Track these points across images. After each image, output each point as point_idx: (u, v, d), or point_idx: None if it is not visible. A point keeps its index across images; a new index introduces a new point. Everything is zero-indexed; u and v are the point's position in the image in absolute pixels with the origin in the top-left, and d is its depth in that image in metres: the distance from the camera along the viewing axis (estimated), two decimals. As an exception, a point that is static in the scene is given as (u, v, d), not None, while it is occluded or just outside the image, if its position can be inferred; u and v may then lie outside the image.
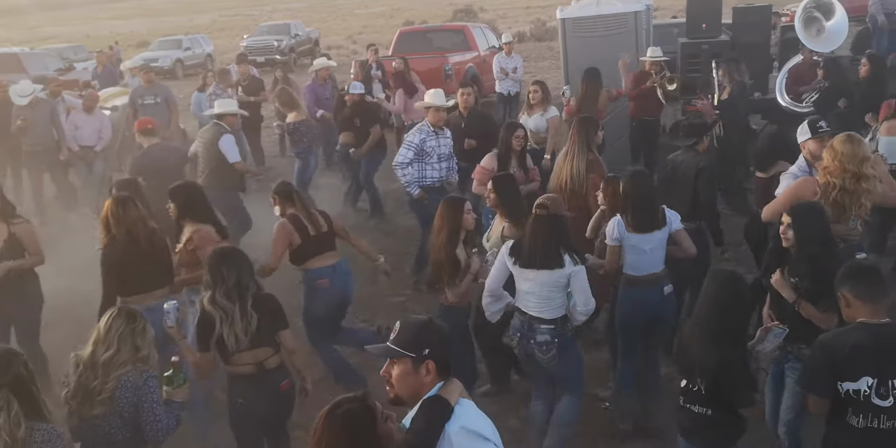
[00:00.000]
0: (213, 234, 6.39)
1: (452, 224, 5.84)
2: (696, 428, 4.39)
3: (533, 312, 5.43)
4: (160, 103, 12.86)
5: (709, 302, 4.32)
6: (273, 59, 30.74)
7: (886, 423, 3.95)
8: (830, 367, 3.99)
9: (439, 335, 3.28)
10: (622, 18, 12.36)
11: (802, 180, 5.93)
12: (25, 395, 3.65)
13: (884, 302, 4.03)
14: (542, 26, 38.15)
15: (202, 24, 58.90)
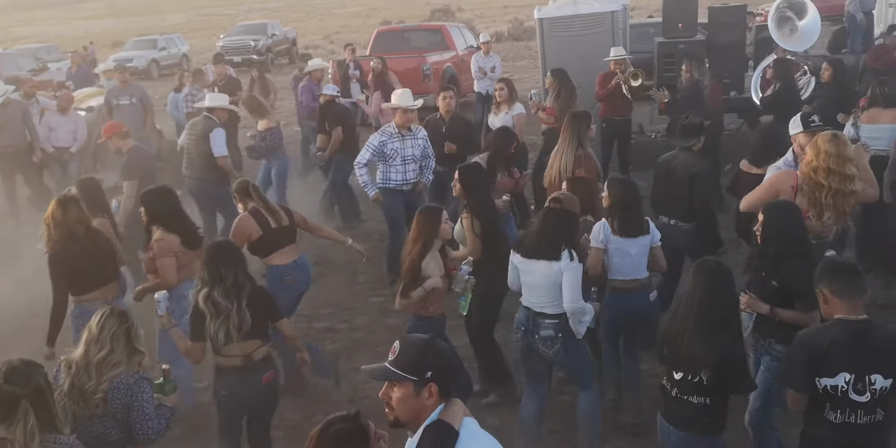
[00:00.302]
0: (176, 244, 6.32)
1: (428, 235, 5.69)
2: (694, 418, 4.38)
3: (536, 308, 5.48)
4: (135, 104, 12.77)
5: (702, 294, 4.31)
6: (250, 58, 30.61)
7: (863, 418, 3.99)
8: (809, 362, 4.03)
9: (442, 356, 3.13)
10: (599, 18, 12.44)
11: (782, 173, 6.00)
12: (43, 407, 3.65)
13: (861, 299, 4.08)
14: (519, 26, 38.23)
15: (176, 23, 58.55)
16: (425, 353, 3.08)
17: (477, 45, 18.87)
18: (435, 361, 3.07)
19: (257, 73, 15.42)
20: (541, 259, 5.38)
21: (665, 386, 4.52)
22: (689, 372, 4.32)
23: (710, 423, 4.40)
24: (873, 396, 3.97)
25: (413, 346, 3.11)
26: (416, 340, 3.16)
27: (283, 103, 20.39)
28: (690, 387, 4.33)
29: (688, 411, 4.38)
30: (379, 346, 7.71)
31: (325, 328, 8.21)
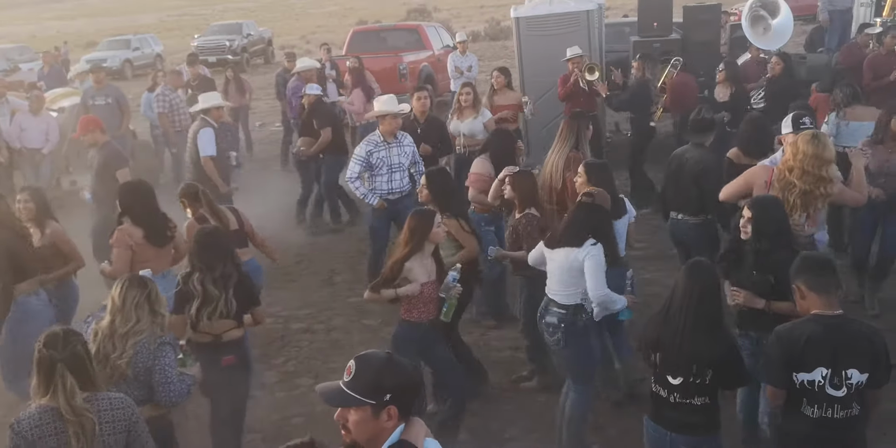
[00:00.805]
0: (138, 237, 6.31)
1: (419, 237, 5.59)
2: (698, 420, 4.35)
3: (551, 294, 5.55)
4: (111, 104, 12.63)
5: (699, 295, 4.26)
6: (225, 59, 30.42)
7: (840, 412, 4.02)
8: (786, 358, 4.05)
9: (401, 376, 2.89)
10: (575, 17, 12.44)
11: (758, 168, 6.06)
12: (80, 369, 3.78)
13: (837, 294, 4.10)
14: (496, 25, 38.26)
15: (150, 23, 58.17)
16: (383, 375, 2.84)
17: (453, 44, 18.85)
18: (394, 382, 2.84)
19: (232, 73, 15.34)
20: (564, 247, 5.41)
21: (659, 394, 4.43)
22: (691, 375, 4.26)
23: (712, 421, 4.39)
24: (849, 391, 3.99)
25: (370, 367, 2.86)
26: (374, 360, 2.89)
27: (258, 103, 20.33)
28: (693, 389, 4.28)
29: (691, 414, 4.34)
30: (356, 346, 7.68)
31: (302, 329, 8.16)
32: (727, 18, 17.01)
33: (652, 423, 4.54)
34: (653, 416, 4.54)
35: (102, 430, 3.76)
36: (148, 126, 14.35)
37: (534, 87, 12.46)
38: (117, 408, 3.84)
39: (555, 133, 7.72)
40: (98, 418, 3.74)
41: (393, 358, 2.93)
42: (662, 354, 4.35)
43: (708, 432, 4.39)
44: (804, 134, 5.72)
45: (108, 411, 3.81)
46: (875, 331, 4.15)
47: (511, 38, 13.99)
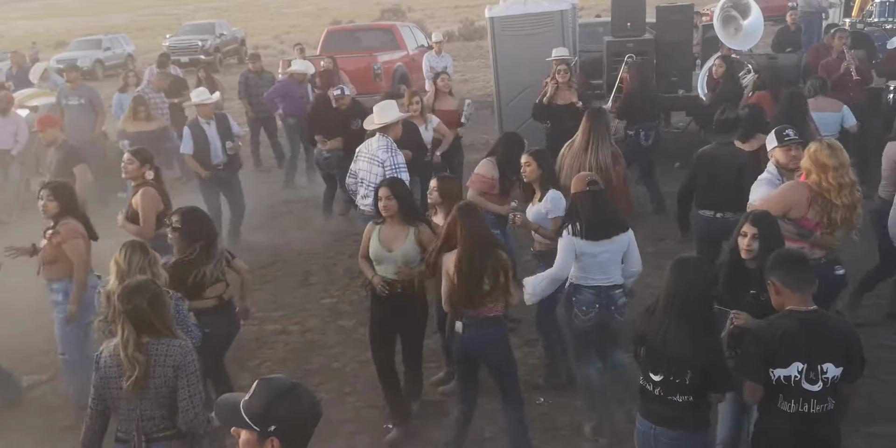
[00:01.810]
0: (80, 227, 6.42)
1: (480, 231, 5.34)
2: (681, 415, 4.34)
3: (607, 282, 5.73)
4: (85, 105, 12.50)
5: (684, 292, 4.22)
6: (197, 59, 30.17)
7: (816, 407, 4.06)
8: (763, 354, 4.09)
9: (293, 409, 2.77)
10: (549, 17, 12.48)
11: (797, 185, 5.67)
12: (141, 322, 4.21)
13: (811, 290, 4.13)
14: (470, 26, 38.29)
15: (120, 23, 57.68)
16: (274, 405, 2.75)
17: (428, 44, 18.84)
18: (284, 415, 2.75)
19: (204, 73, 15.20)
20: (611, 237, 5.64)
21: (645, 386, 4.44)
22: (671, 374, 4.25)
23: (698, 419, 4.38)
24: (825, 385, 4.03)
25: (265, 393, 2.78)
26: (273, 387, 2.80)
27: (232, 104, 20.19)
28: (674, 387, 4.28)
29: (673, 410, 4.33)
30: (332, 347, 7.67)
31: (276, 330, 8.11)
32: (700, 19, 17.12)
33: (640, 417, 4.56)
34: (640, 410, 4.56)
35: (156, 373, 4.21)
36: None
37: (509, 87, 12.51)
38: (171, 354, 4.25)
39: (529, 132, 7.70)
40: (153, 361, 4.21)
41: (295, 390, 2.81)
42: (646, 349, 4.36)
43: (690, 428, 4.38)
44: (819, 149, 5.52)
45: (163, 356, 4.23)
46: (849, 325, 4.21)
47: (485, 39, 14.02)
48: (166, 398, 4.27)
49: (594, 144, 7.34)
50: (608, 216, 5.75)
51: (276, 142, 14.55)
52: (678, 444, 4.40)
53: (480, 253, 5.20)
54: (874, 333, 7.03)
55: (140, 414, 4.27)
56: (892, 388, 6.25)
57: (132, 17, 65.03)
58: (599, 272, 5.72)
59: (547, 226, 6.42)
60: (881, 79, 12.11)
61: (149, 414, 4.28)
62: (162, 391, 4.25)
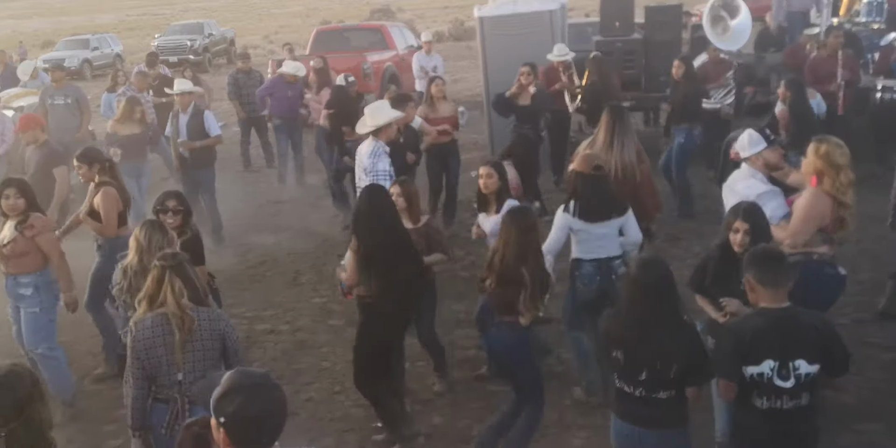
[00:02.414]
0: (52, 221, 6.69)
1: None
2: (665, 413, 4.36)
3: (606, 254, 6.08)
4: (71, 104, 12.42)
5: (658, 289, 4.26)
6: (186, 59, 30.08)
7: (789, 403, 4.09)
8: (735, 351, 4.12)
9: (244, 408, 2.75)
10: (538, 17, 12.51)
11: (818, 195, 5.48)
12: (186, 278, 4.58)
13: (786, 287, 4.15)
14: (460, 26, 38.27)
15: (109, 23, 57.52)
16: (224, 399, 2.77)
17: (417, 44, 18.83)
18: (230, 411, 2.75)
19: (190, 73, 15.17)
20: (607, 220, 6.02)
21: (623, 390, 4.42)
22: (657, 370, 4.26)
23: (680, 414, 4.40)
24: (798, 382, 4.05)
25: (225, 385, 2.80)
26: (233, 382, 2.80)
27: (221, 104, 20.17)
28: (658, 383, 4.28)
29: (656, 409, 4.34)
30: (322, 347, 7.68)
31: (266, 330, 8.11)
32: (689, 19, 17.17)
33: (619, 421, 4.52)
34: (619, 414, 4.53)
35: (202, 336, 4.53)
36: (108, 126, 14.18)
37: (498, 87, 12.44)
38: (216, 319, 4.64)
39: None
40: (200, 325, 4.52)
41: (255, 389, 2.78)
42: (625, 351, 4.34)
43: (675, 425, 4.41)
44: (830, 148, 5.42)
45: (207, 321, 4.58)
46: (824, 321, 4.22)
47: (475, 39, 14.01)
48: (212, 362, 4.56)
49: (619, 141, 7.20)
50: (607, 201, 6.08)
51: (266, 142, 14.54)
52: (667, 443, 4.42)
53: (514, 261, 5.25)
54: (863, 331, 7.09)
55: (183, 378, 4.50)
56: (880, 386, 6.29)
57: (120, 16, 64.83)
58: (598, 246, 6.06)
59: None
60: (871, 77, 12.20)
61: (191, 378, 4.48)
62: (208, 355, 4.56)
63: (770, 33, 14.89)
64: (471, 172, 12.75)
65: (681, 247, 9.34)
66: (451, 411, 6.43)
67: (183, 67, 15.91)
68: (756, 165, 5.94)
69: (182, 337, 4.47)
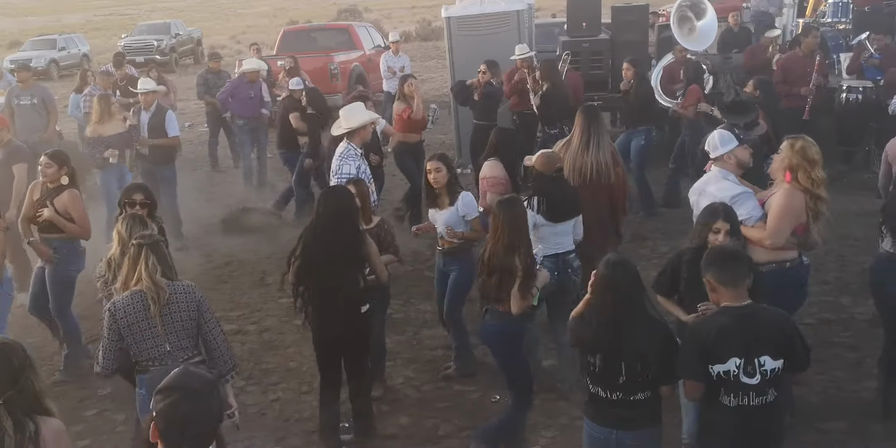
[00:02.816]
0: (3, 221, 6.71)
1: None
2: (639, 415, 4.37)
3: (563, 250, 6.34)
4: (37, 104, 12.27)
5: (629, 290, 4.28)
6: (153, 59, 29.84)
7: (756, 399, 4.11)
8: (700, 351, 4.14)
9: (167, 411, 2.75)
10: (505, 17, 12.55)
11: (792, 192, 5.45)
12: (160, 256, 4.87)
13: (745, 285, 4.19)
14: (427, 26, 38.33)
15: (76, 23, 56.91)
16: (156, 395, 2.78)
17: (385, 44, 18.82)
18: (158, 408, 2.76)
19: (156, 73, 15.03)
20: (575, 217, 6.38)
21: (600, 395, 4.39)
22: (636, 371, 4.25)
23: (655, 413, 4.42)
24: (764, 378, 4.08)
25: (164, 382, 2.84)
26: (170, 381, 2.81)
27: (188, 104, 20.07)
28: (636, 385, 4.29)
29: (633, 410, 4.35)
30: (289, 347, 7.65)
31: (234, 330, 8.04)
32: (656, 19, 17.26)
33: (594, 424, 4.49)
34: (594, 418, 4.49)
35: (179, 308, 4.83)
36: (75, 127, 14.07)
37: (465, 87, 12.52)
38: (189, 292, 4.91)
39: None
40: (175, 298, 4.81)
41: (189, 392, 2.76)
42: (603, 356, 4.30)
43: (649, 425, 4.42)
44: (806, 144, 5.44)
45: (183, 294, 4.88)
46: (785, 317, 4.25)
47: (443, 39, 14.03)
48: (191, 333, 4.92)
49: (594, 142, 7.10)
50: (570, 202, 6.36)
51: (234, 142, 14.47)
52: (645, 443, 4.44)
53: (504, 250, 5.25)
54: (827, 331, 7.17)
55: (171, 348, 4.84)
56: (844, 384, 6.34)
57: (87, 16, 64.15)
58: (556, 243, 6.27)
59: (461, 228, 6.58)
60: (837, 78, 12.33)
61: (178, 344, 4.87)
62: (187, 325, 4.89)
63: (733, 34, 15.00)
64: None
65: (647, 247, 9.42)
66: (417, 411, 6.42)
67: (149, 67, 15.73)
68: (728, 165, 5.84)
69: (157, 310, 4.74)
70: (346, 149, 7.55)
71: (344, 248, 5.52)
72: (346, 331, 5.65)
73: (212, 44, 38.14)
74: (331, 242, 5.52)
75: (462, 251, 6.70)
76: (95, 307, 7.77)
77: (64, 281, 7.21)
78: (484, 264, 5.39)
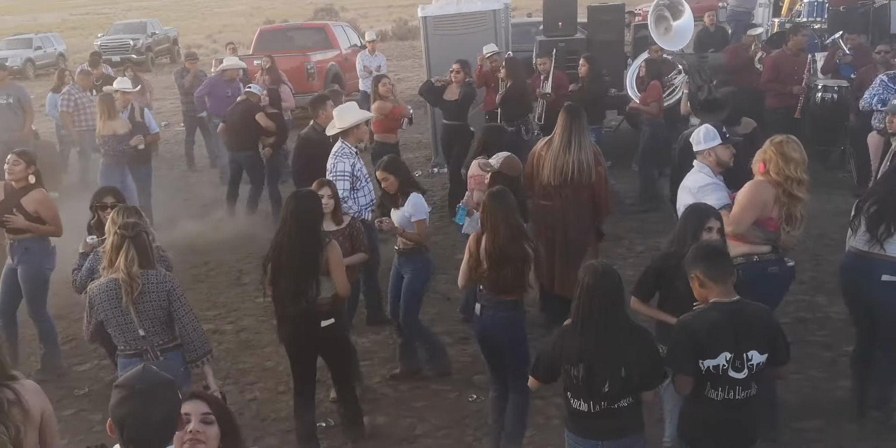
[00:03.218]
0: None
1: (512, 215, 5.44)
2: (624, 423, 4.36)
3: None
4: (13, 104, 12.17)
5: (613, 298, 4.26)
6: (129, 58, 29.68)
7: (741, 393, 4.18)
8: (692, 346, 4.17)
9: (115, 409, 2.72)
10: (481, 16, 12.58)
11: (761, 183, 5.46)
12: (141, 249, 5.03)
13: (732, 280, 4.24)
14: (403, 25, 38.32)
15: (52, 22, 56.40)
16: (112, 390, 2.78)
17: (361, 43, 18.81)
18: (111, 403, 2.74)
19: (132, 72, 14.95)
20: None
21: (581, 409, 4.33)
22: (623, 377, 4.22)
23: (638, 420, 4.42)
24: (750, 372, 4.14)
25: (121, 377, 2.83)
26: (126, 378, 2.77)
27: (163, 103, 19.98)
28: (620, 393, 4.26)
29: (618, 419, 4.33)
30: (266, 347, 7.63)
31: (210, 330, 7.96)
32: (632, 18, 17.32)
33: (578, 438, 4.44)
34: (576, 432, 4.45)
35: (151, 297, 5.04)
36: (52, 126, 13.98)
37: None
38: (162, 281, 5.10)
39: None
40: (148, 288, 5.01)
41: (138, 393, 2.70)
42: (587, 365, 4.24)
43: (634, 432, 4.42)
44: (787, 142, 5.41)
45: (155, 283, 5.06)
46: (768, 311, 4.33)
47: (419, 38, 14.03)
48: (164, 320, 5.11)
49: (575, 142, 7.07)
50: (523, 208, 6.43)
51: (210, 141, 14.40)
52: None
53: (509, 241, 5.26)
54: (802, 330, 7.21)
55: (146, 332, 5.07)
56: (820, 384, 6.38)
57: (64, 15, 63.60)
58: None
59: (410, 229, 6.60)
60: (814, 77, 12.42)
61: (153, 330, 5.09)
62: (159, 313, 5.08)
63: (710, 33, 15.09)
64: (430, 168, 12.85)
65: (623, 246, 9.45)
66: (395, 411, 6.42)
67: (125, 67, 15.64)
68: (707, 160, 5.94)
69: (129, 300, 4.96)
70: (340, 147, 7.51)
71: (304, 253, 5.49)
72: (311, 337, 5.67)
73: (188, 43, 37.98)
74: (293, 247, 5.51)
75: (416, 252, 6.67)
76: (72, 307, 7.78)
77: (38, 280, 7.15)
78: (489, 259, 5.32)
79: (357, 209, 7.36)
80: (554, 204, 7.15)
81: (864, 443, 5.66)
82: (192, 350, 5.15)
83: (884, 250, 5.48)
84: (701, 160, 5.96)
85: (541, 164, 7.18)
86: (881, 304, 5.59)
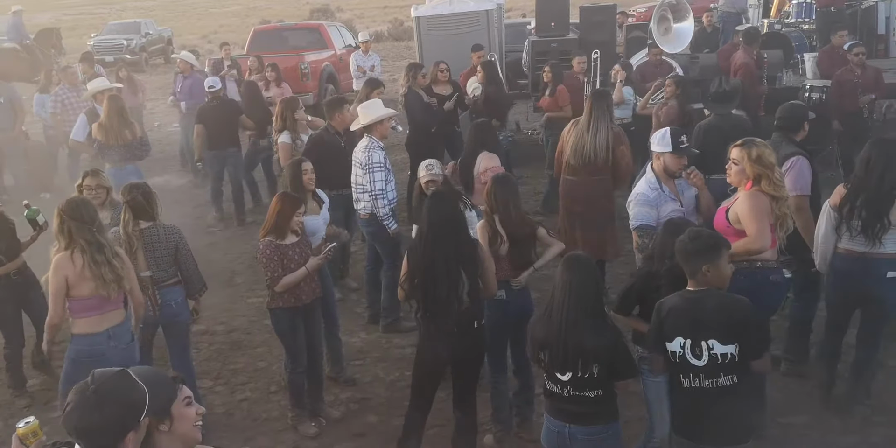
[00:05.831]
0: None
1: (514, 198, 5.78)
2: (592, 411, 4.44)
3: None
4: (4, 104, 12.20)
5: (578, 289, 4.35)
6: (123, 58, 29.58)
7: (706, 381, 4.22)
8: (657, 326, 4.36)
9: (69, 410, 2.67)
10: (475, 16, 12.63)
11: (757, 194, 5.34)
12: (139, 209, 5.88)
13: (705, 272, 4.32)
14: (399, 26, 38.29)
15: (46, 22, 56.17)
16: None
17: (356, 43, 18.82)
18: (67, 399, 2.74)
19: (125, 72, 14.91)
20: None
21: (552, 390, 4.49)
22: (578, 370, 4.34)
23: (609, 410, 4.49)
24: (714, 361, 4.18)
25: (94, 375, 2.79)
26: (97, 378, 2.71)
27: (156, 104, 19.95)
28: (583, 383, 4.36)
29: (586, 406, 4.42)
30: (258, 347, 7.65)
31: (201, 330, 8.03)
32: (624, 19, 17.38)
33: (549, 417, 4.61)
34: (549, 411, 4.62)
35: (160, 246, 5.95)
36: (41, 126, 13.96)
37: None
38: (170, 233, 6.01)
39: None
40: (155, 239, 5.93)
41: (89, 396, 2.63)
42: (549, 352, 4.42)
43: (604, 422, 4.49)
44: (762, 150, 5.34)
45: (164, 235, 5.96)
46: (741, 305, 4.24)
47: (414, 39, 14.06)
48: (170, 262, 6.00)
49: (594, 124, 7.64)
50: None
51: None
52: (597, 438, 4.50)
53: (521, 217, 5.76)
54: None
55: (150, 272, 5.92)
56: (806, 379, 6.42)
57: (57, 15, 63.46)
58: None
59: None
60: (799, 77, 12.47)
61: (157, 275, 5.96)
62: (167, 258, 5.97)
63: (706, 34, 15.15)
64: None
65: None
66: (386, 410, 6.46)
67: (118, 67, 15.60)
68: (656, 164, 5.97)
69: (129, 250, 5.71)
70: (369, 142, 7.62)
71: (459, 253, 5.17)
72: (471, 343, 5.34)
73: (183, 43, 37.91)
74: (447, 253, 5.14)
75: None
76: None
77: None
78: (507, 235, 5.63)
79: (388, 213, 7.48)
80: (577, 179, 7.77)
81: (849, 437, 5.72)
82: (192, 285, 6.19)
83: (884, 248, 5.55)
84: (652, 162, 6.07)
85: (566, 144, 7.81)
86: (889, 300, 5.66)
